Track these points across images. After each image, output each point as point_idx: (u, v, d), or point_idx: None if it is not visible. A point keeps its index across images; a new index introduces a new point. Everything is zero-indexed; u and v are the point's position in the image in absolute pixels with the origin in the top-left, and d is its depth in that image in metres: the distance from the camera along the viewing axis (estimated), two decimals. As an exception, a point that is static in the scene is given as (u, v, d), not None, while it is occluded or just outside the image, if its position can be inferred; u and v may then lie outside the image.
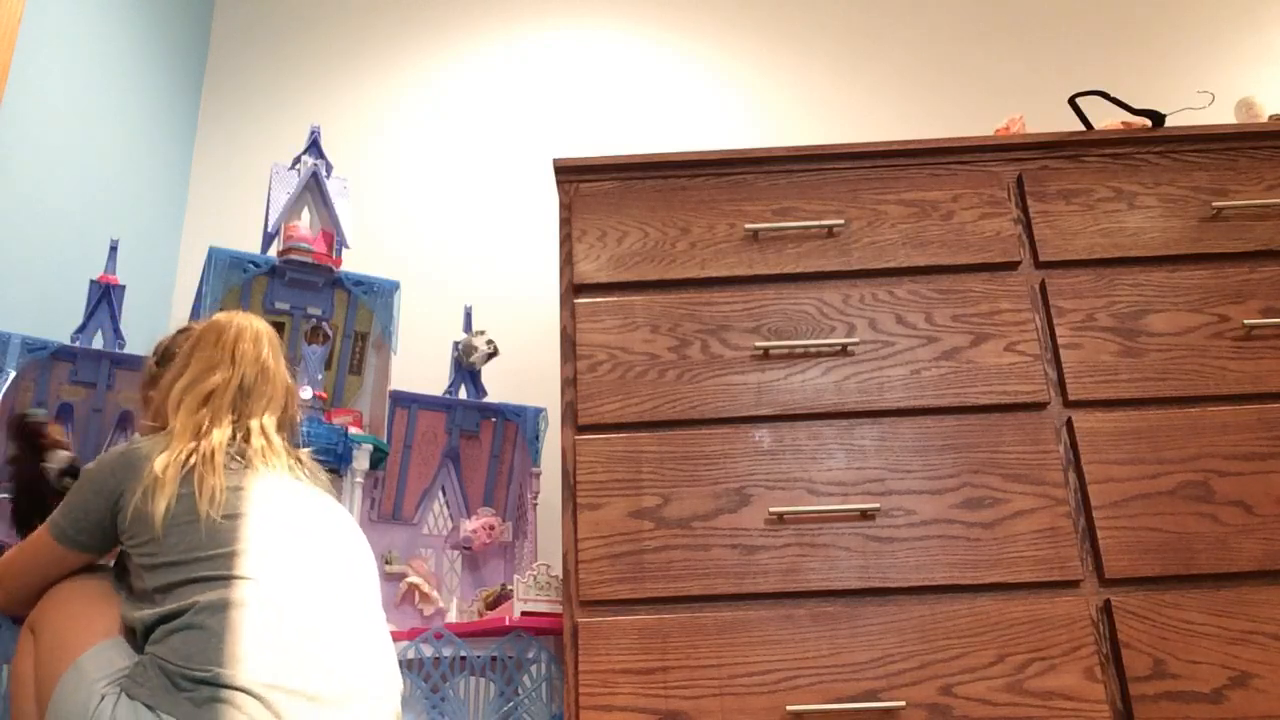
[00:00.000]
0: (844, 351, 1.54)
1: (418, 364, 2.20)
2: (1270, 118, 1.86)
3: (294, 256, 1.84)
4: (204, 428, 1.28)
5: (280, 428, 1.38)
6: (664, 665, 1.37)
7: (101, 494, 1.24)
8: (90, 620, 1.19)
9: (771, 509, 1.43)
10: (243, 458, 1.28)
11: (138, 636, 1.14)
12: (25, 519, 1.49)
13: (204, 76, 2.67)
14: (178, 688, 1.04)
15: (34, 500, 1.49)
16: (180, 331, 1.48)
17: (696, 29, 2.70)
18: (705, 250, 1.61)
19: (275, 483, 1.27)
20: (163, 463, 1.21)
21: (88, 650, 1.14)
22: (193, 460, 1.22)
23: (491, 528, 1.93)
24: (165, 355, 1.45)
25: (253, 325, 1.45)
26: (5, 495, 1.57)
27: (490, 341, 2.04)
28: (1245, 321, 1.52)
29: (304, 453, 1.40)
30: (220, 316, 1.47)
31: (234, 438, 1.30)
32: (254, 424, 1.32)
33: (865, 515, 1.44)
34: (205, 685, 1.03)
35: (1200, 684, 1.35)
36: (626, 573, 1.42)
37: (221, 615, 1.08)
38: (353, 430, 1.78)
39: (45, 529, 1.28)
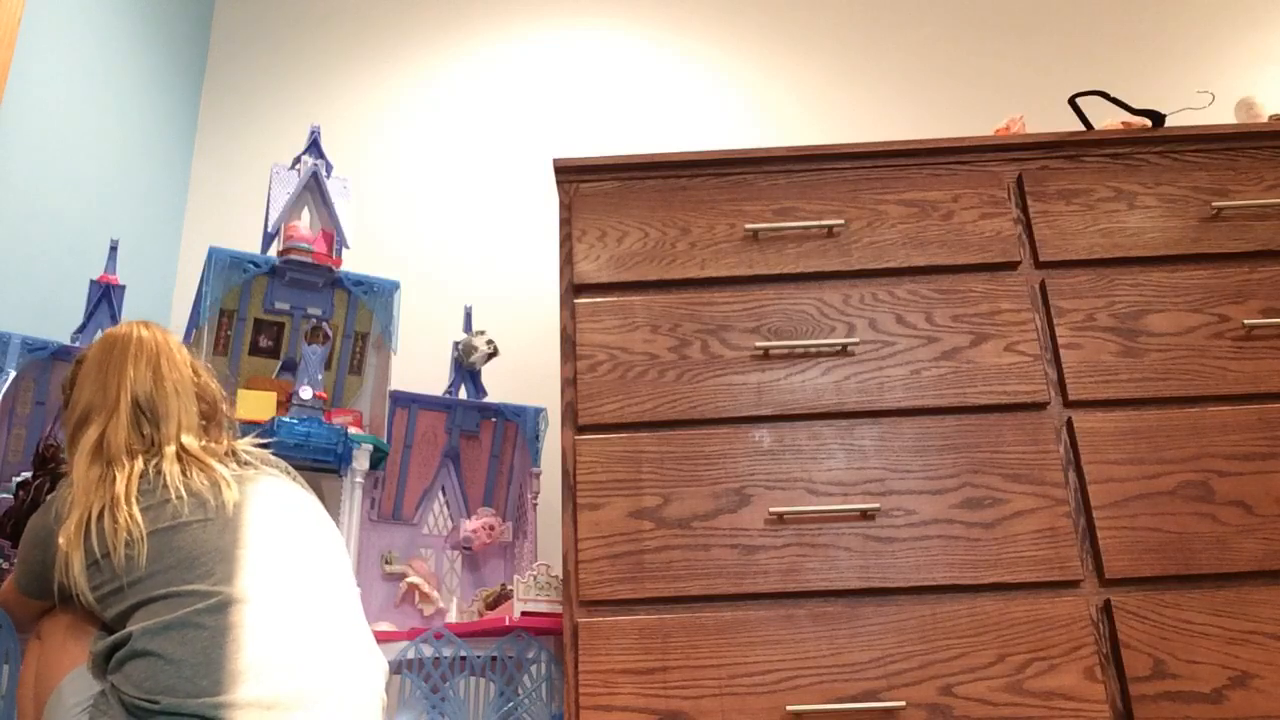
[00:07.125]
0: (844, 351, 1.54)
1: (418, 364, 2.20)
2: (1270, 118, 1.86)
3: (294, 256, 1.84)
4: (103, 480, 1.22)
5: (206, 434, 1.32)
6: (664, 665, 1.37)
7: (40, 559, 1.24)
8: (79, 637, 1.19)
9: (771, 509, 1.43)
10: (159, 474, 1.23)
11: (97, 664, 1.15)
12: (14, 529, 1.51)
13: (204, 76, 2.67)
14: (136, 719, 1.06)
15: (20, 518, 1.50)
16: (77, 361, 1.40)
17: (696, 29, 2.70)
18: (705, 250, 1.61)
19: (210, 488, 1.22)
20: (65, 536, 1.18)
21: (70, 673, 1.16)
22: (102, 515, 1.18)
23: (491, 528, 1.93)
24: (70, 387, 1.38)
25: (137, 338, 1.36)
26: (6, 494, 1.57)
27: (490, 341, 2.03)
28: (1245, 321, 1.52)
29: (244, 442, 1.35)
30: (105, 339, 1.38)
31: (145, 472, 1.23)
32: (169, 450, 1.26)
33: (865, 515, 1.44)
34: (160, 714, 1.05)
35: (1200, 684, 1.35)
36: (626, 573, 1.42)
37: (162, 637, 1.08)
38: (353, 430, 1.78)
39: (12, 579, 1.30)
